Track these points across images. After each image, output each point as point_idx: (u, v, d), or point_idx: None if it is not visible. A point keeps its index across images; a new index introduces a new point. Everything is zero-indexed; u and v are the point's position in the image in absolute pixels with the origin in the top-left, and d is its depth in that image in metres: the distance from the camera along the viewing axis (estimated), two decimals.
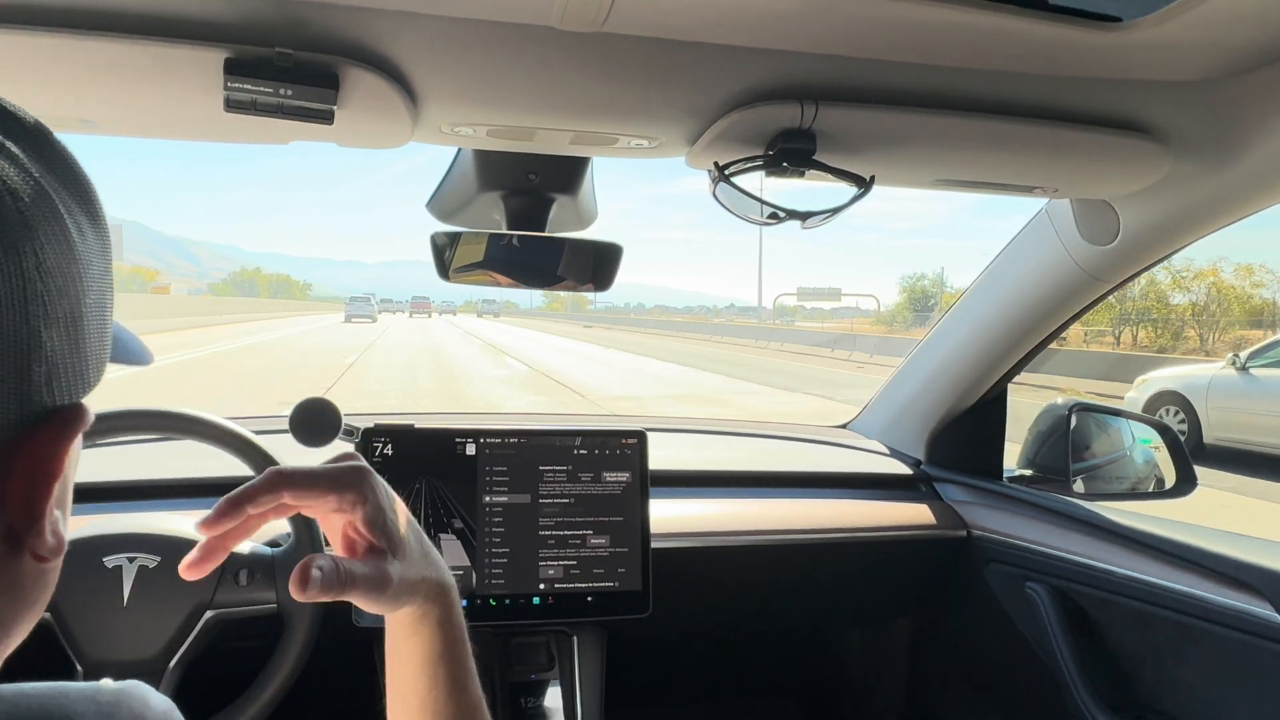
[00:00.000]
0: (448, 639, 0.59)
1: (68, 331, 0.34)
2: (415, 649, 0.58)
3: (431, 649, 0.58)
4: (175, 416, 1.08)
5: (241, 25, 0.72)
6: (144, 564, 1.03)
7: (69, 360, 0.35)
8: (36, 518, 0.34)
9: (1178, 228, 1.13)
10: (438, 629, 0.58)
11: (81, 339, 0.35)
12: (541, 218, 1.12)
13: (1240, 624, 1.05)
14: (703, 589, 1.44)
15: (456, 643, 0.60)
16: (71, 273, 0.35)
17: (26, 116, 0.36)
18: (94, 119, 0.89)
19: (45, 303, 0.33)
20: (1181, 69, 0.84)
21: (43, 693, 0.32)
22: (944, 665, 1.65)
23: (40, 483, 0.34)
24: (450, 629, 0.59)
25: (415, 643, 0.58)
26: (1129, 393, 9.90)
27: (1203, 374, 8.95)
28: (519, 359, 20.85)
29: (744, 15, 0.73)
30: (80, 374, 0.36)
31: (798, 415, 9.76)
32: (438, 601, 0.58)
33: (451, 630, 0.59)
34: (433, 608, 0.58)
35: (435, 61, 0.79)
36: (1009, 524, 1.44)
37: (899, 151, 0.97)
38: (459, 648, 0.60)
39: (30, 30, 0.69)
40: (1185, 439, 8.69)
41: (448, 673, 0.59)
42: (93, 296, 0.36)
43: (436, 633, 0.58)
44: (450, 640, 0.59)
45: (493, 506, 1.21)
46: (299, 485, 0.54)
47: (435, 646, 0.58)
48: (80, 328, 0.35)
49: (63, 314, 0.34)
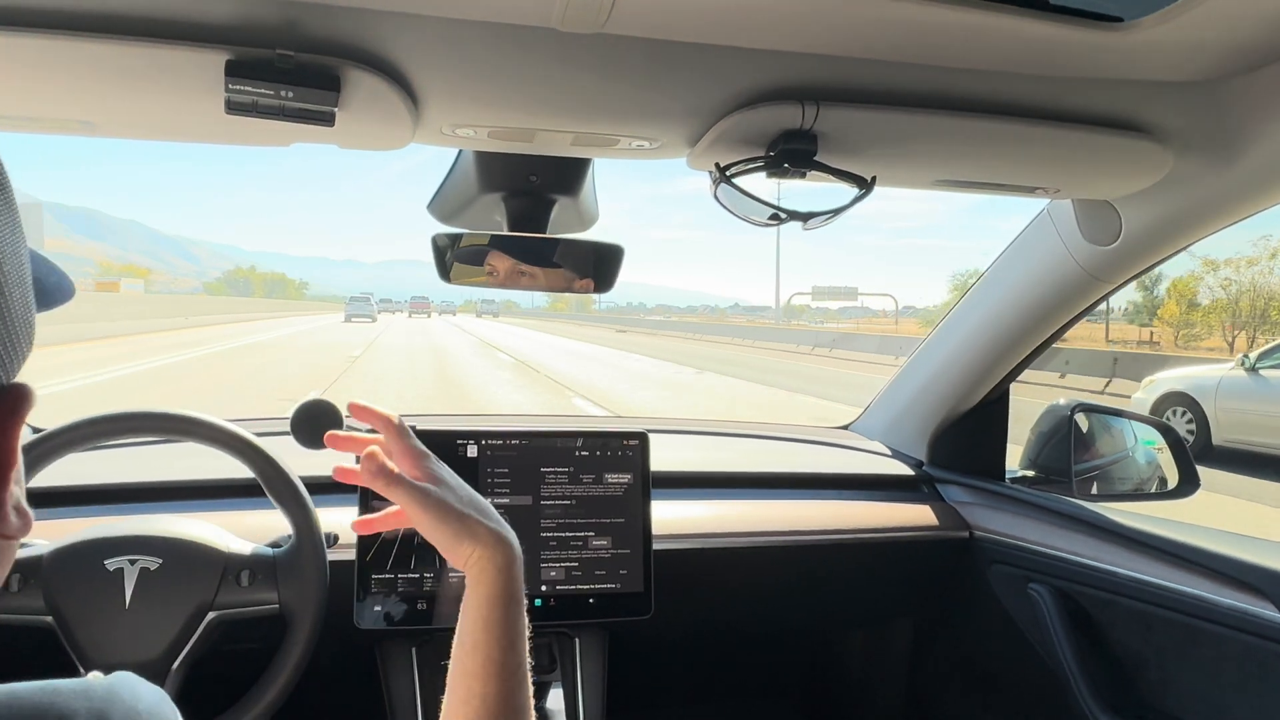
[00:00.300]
0: (506, 589, 0.65)
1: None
2: (476, 595, 0.64)
3: (489, 595, 0.64)
4: (175, 418, 1.08)
5: (243, 27, 0.72)
6: (145, 566, 1.03)
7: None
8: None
9: (1180, 228, 1.13)
10: (496, 575, 0.65)
11: (7, 313, 0.34)
12: (542, 219, 1.12)
13: (1243, 625, 1.05)
14: (705, 590, 1.44)
15: (513, 596, 0.65)
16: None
17: None
18: (95, 121, 0.89)
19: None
20: (1183, 69, 0.84)
21: (34, 692, 0.32)
22: (946, 666, 1.65)
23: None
24: (509, 580, 0.65)
25: (479, 590, 0.64)
26: (1136, 393, 9.74)
27: (1211, 375, 8.80)
28: (537, 368, 17.47)
29: (745, 16, 0.73)
30: (13, 348, 0.35)
31: None
32: (498, 548, 0.65)
33: (510, 582, 0.65)
34: (494, 554, 0.65)
35: (436, 63, 0.79)
36: (1011, 525, 1.44)
37: (900, 152, 0.97)
38: (515, 605, 0.65)
39: (32, 32, 0.69)
40: (1194, 441, 8.44)
41: (503, 619, 0.64)
42: (10, 266, 0.34)
43: (495, 579, 0.64)
44: (508, 591, 0.65)
45: (495, 507, 1.20)
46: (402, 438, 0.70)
47: (494, 592, 0.64)
48: (3, 302, 0.34)
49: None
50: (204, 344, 22.43)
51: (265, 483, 1.08)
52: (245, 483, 1.14)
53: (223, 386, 11.41)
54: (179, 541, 1.05)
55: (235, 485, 1.24)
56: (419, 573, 1.16)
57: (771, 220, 0.94)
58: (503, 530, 0.67)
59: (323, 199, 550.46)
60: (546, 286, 1.11)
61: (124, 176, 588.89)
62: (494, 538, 0.66)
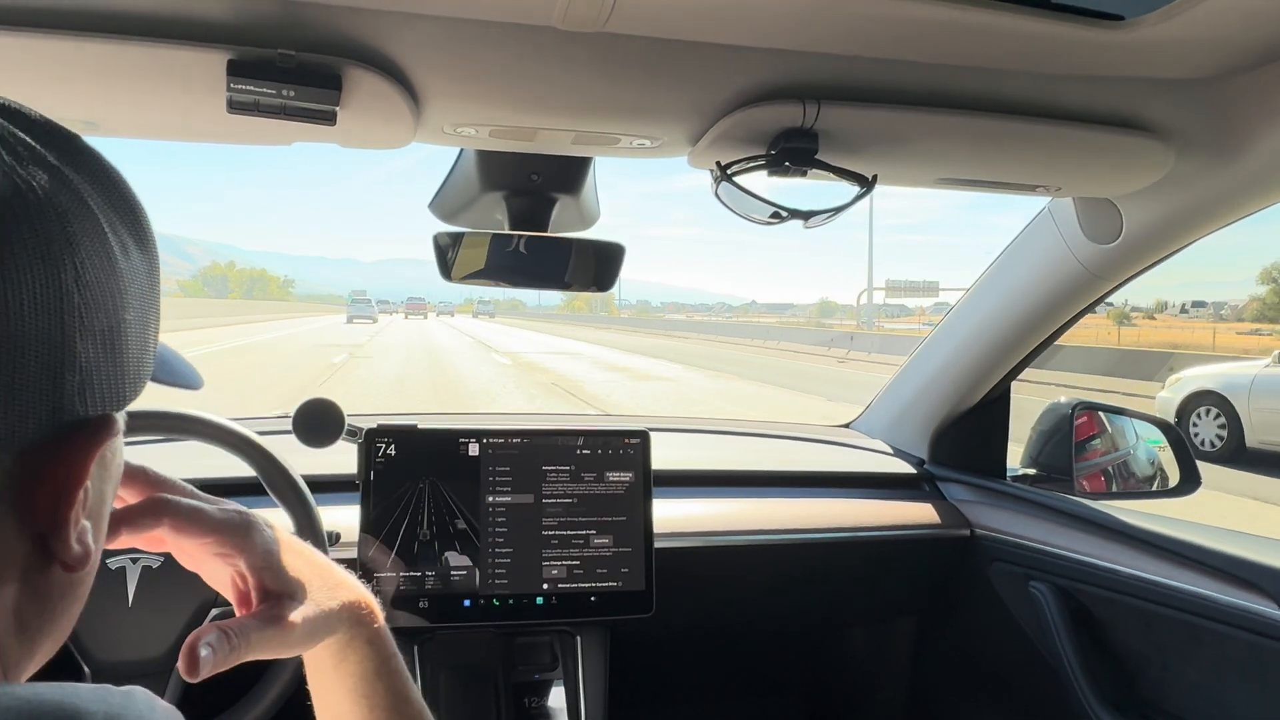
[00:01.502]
0: (381, 655, 0.57)
1: (104, 344, 0.35)
2: (347, 674, 0.56)
3: (366, 669, 0.57)
4: (178, 417, 1.08)
5: (244, 27, 0.72)
6: (147, 564, 1.03)
7: (104, 372, 0.36)
8: (61, 524, 0.35)
9: (1181, 225, 1.13)
10: (368, 647, 0.57)
11: (119, 353, 0.37)
12: (544, 218, 1.12)
13: (1245, 623, 1.05)
14: (706, 589, 1.44)
15: (390, 658, 0.58)
16: (111, 288, 0.36)
17: (77, 138, 0.38)
18: (97, 121, 0.89)
19: (82, 314, 0.34)
20: (1184, 67, 0.84)
21: (55, 690, 0.33)
22: (948, 664, 1.65)
23: (66, 489, 0.35)
24: (381, 645, 0.58)
25: (347, 668, 0.56)
26: (1160, 392, 9.25)
27: (1244, 372, 8.38)
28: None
29: (746, 14, 0.73)
30: (115, 386, 0.37)
31: None
32: (363, 621, 0.57)
33: (384, 645, 0.58)
34: (359, 629, 0.56)
35: (437, 62, 0.79)
36: (1012, 523, 1.44)
37: (901, 150, 0.97)
38: (394, 662, 0.58)
39: (34, 33, 0.70)
40: (1225, 442, 7.82)
41: (387, 688, 0.57)
42: (133, 314, 0.37)
43: (368, 651, 0.57)
44: (384, 657, 0.57)
45: (496, 507, 1.21)
46: (180, 516, 0.52)
47: (370, 665, 0.57)
48: (118, 342, 0.36)
49: (100, 327, 0.35)
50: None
51: (267, 481, 1.08)
52: (247, 481, 1.14)
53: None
54: None
55: (237, 483, 1.24)
56: (420, 571, 1.17)
57: (772, 219, 0.94)
58: (363, 599, 0.58)
59: (320, 198, 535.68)
60: (547, 285, 1.11)
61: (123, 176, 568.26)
62: (353, 614, 0.57)
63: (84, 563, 0.37)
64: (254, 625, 0.51)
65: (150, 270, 0.39)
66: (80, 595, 0.40)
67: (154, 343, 0.40)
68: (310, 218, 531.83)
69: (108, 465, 0.40)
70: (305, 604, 0.54)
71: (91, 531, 0.37)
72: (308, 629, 0.53)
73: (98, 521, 0.39)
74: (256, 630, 0.51)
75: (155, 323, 0.40)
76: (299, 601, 0.54)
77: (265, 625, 0.52)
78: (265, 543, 0.54)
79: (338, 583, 0.58)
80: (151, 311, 0.40)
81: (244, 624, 0.51)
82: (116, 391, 0.37)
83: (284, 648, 0.53)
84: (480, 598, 1.19)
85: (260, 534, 0.54)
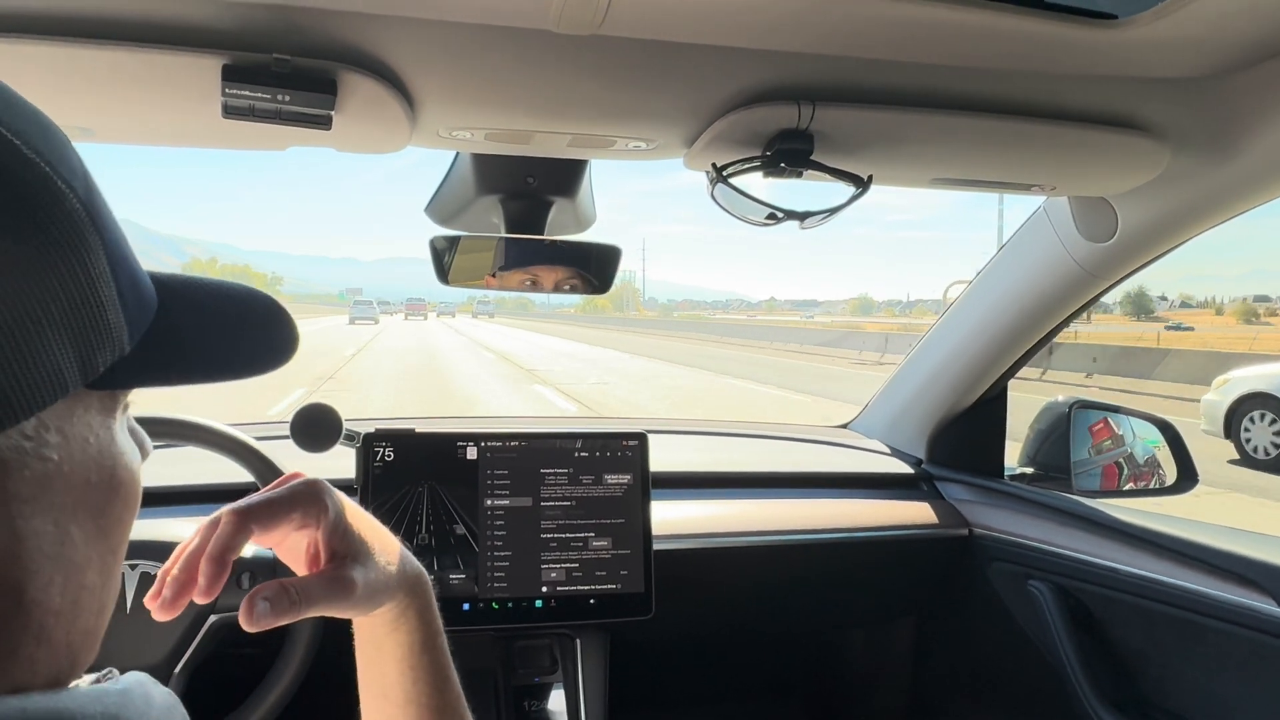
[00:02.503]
0: (429, 630, 0.59)
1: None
2: (398, 644, 0.58)
3: (415, 642, 0.58)
4: (176, 423, 1.08)
5: (239, 32, 0.72)
6: (146, 570, 1.03)
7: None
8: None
9: (1176, 224, 1.14)
10: (419, 619, 0.58)
11: (21, 353, 0.30)
12: (540, 220, 1.12)
13: (1244, 620, 1.05)
14: (705, 590, 1.44)
15: (437, 634, 0.59)
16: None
17: None
18: (93, 127, 0.89)
19: None
20: (1178, 66, 0.84)
21: (48, 702, 0.31)
22: (947, 664, 1.65)
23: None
24: (431, 619, 0.59)
25: (397, 638, 0.58)
26: (1207, 394, 8.56)
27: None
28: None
29: (741, 16, 0.73)
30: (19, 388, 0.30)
31: None
32: (416, 593, 0.58)
33: (432, 621, 0.59)
34: (412, 600, 0.58)
35: (432, 66, 0.79)
36: (1011, 522, 1.44)
37: (896, 151, 0.98)
38: (440, 639, 0.59)
39: (28, 39, 0.70)
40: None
41: (431, 663, 0.58)
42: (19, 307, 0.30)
43: (419, 623, 0.58)
44: (432, 631, 0.59)
45: (494, 510, 1.21)
46: (263, 515, 0.53)
47: (418, 638, 0.58)
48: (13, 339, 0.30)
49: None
50: None
51: (264, 486, 1.08)
52: (245, 486, 1.14)
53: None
54: (180, 545, 1.05)
55: (236, 489, 1.24)
56: None
57: (769, 220, 0.95)
58: (419, 570, 0.60)
59: (320, 198, 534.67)
60: (545, 288, 1.11)
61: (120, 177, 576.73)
62: (410, 583, 0.58)
63: None
64: (317, 584, 0.52)
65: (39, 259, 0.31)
66: (47, 640, 0.34)
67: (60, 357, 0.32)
68: (310, 217, 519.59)
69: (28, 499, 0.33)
70: (368, 567, 0.55)
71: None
72: (368, 591, 0.54)
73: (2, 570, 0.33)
74: (320, 589, 0.52)
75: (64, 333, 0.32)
76: (361, 564, 0.55)
77: (329, 584, 0.53)
78: (335, 505, 0.55)
79: (397, 551, 0.59)
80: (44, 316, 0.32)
81: (307, 582, 0.52)
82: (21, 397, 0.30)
83: (344, 607, 0.54)
84: (479, 601, 1.18)
85: (330, 496, 0.56)
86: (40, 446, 0.33)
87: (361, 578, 0.54)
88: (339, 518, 0.55)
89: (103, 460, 0.36)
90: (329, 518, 0.54)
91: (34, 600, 0.33)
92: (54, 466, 0.34)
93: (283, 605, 0.51)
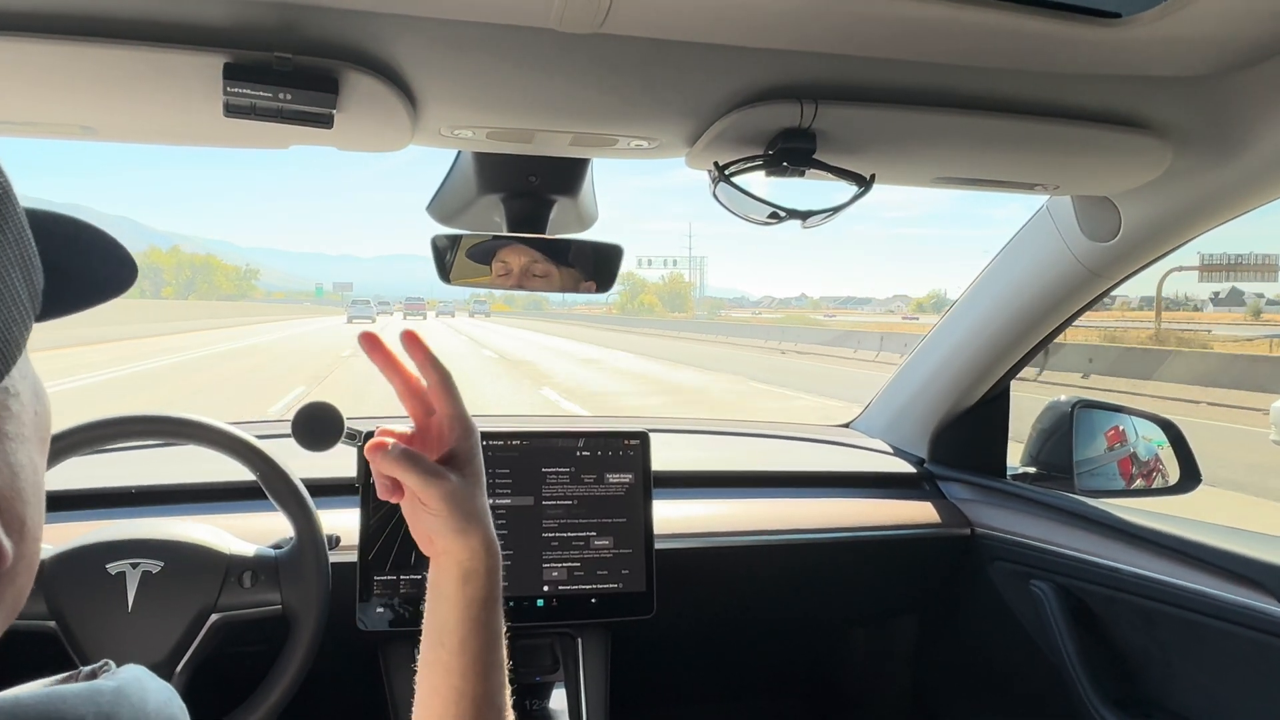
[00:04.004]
0: (492, 593, 0.65)
1: None
2: (464, 597, 0.64)
3: (478, 599, 0.64)
4: (177, 422, 1.08)
5: (240, 30, 0.72)
6: (147, 569, 1.03)
7: None
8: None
9: (1179, 223, 1.13)
10: (486, 579, 0.64)
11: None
12: (542, 219, 1.12)
13: (1246, 620, 1.05)
14: (707, 589, 1.44)
15: (498, 599, 0.66)
16: None
17: None
18: (94, 125, 0.89)
19: None
20: (1181, 64, 0.84)
21: (39, 699, 0.31)
22: (949, 663, 1.65)
23: None
24: (496, 583, 0.65)
25: (466, 591, 0.64)
26: (1276, 401, 8.47)
27: None
28: None
29: (743, 15, 0.72)
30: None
31: None
32: (490, 554, 0.65)
33: (496, 585, 0.65)
34: (486, 558, 0.64)
35: (434, 65, 0.79)
36: (1013, 522, 1.44)
37: (899, 150, 0.97)
38: (499, 604, 0.66)
39: (30, 37, 0.69)
40: None
41: (489, 620, 0.65)
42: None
43: (485, 583, 0.64)
44: (495, 595, 0.65)
45: (496, 509, 1.21)
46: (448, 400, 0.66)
47: (482, 595, 0.64)
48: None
49: None
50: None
51: (266, 485, 1.08)
52: (247, 485, 1.14)
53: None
54: (181, 544, 1.05)
55: (237, 488, 1.24)
56: (420, 574, 1.16)
57: (770, 219, 0.94)
58: (495, 538, 0.67)
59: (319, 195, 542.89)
60: (546, 287, 1.11)
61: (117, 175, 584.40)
62: (489, 542, 0.65)
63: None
64: (426, 464, 0.62)
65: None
66: (15, 579, 0.35)
67: (23, 296, 0.33)
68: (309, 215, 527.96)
69: (14, 436, 0.35)
70: (466, 489, 0.64)
71: (4, 523, 0.33)
72: (454, 502, 0.62)
73: (11, 507, 0.35)
74: (427, 461, 0.62)
75: (19, 271, 0.33)
76: (465, 483, 0.64)
77: (433, 465, 0.62)
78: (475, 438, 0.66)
79: (487, 512, 0.66)
80: (6, 260, 0.32)
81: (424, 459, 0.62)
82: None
83: (429, 494, 0.62)
84: None
85: (476, 434, 0.67)
86: (13, 383, 0.35)
87: (454, 482, 0.63)
88: (467, 431, 0.66)
89: (38, 390, 0.39)
90: (466, 440, 0.65)
91: (31, 532, 0.36)
92: (19, 403, 0.36)
93: (399, 451, 0.61)
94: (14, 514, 0.35)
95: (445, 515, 0.62)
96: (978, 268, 1.52)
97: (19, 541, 0.35)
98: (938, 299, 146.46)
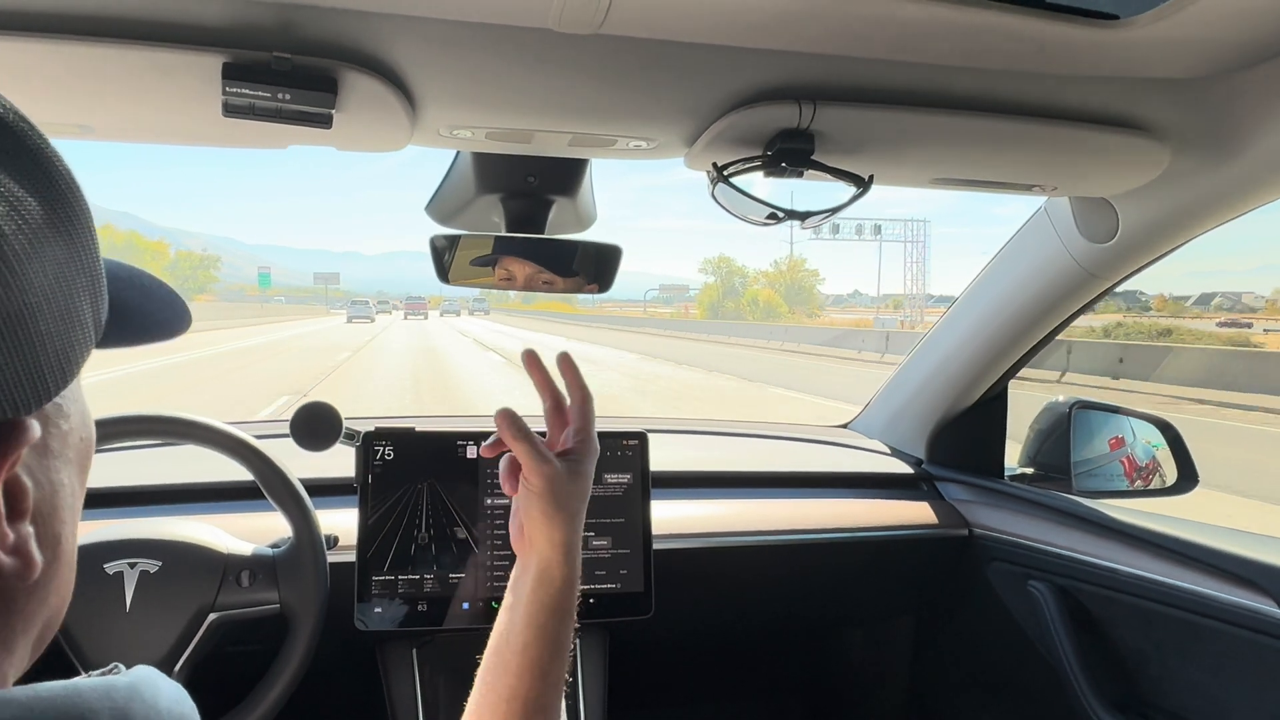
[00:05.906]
0: (564, 601, 0.67)
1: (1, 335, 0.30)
2: (535, 601, 0.66)
3: (549, 605, 0.66)
4: (175, 421, 1.08)
5: (239, 30, 0.72)
6: (145, 569, 1.03)
7: (5, 370, 0.30)
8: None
9: (1177, 224, 1.13)
10: (561, 585, 0.67)
11: (23, 343, 0.31)
12: (541, 220, 1.12)
13: (1244, 621, 1.05)
14: (705, 590, 1.44)
15: (570, 612, 0.68)
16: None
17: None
18: (92, 124, 0.89)
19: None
20: (1179, 66, 0.84)
21: (56, 692, 0.31)
22: (947, 664, 1.65)
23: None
24: (570, 594, 0.68)
25: (538, 595, 0.66)
26: None
27: None
28: None
29: (742, 16, 0.73)
30: (20, 383, 0.31)
31: None
32: (567, 560, 0.67)
33: (569, 600, 0.68)
34: (564, 564, 0.67)
35: (433, 65, 0.79)
36: (1011, 522, 1.44)
37: (897, 151, 0.97)
38: (570, 618, 0.68)
39: (28, 36, 0.69)
40: None
41: (556, 628, 0.67)
42: (35, 296, 0.31)
43: (560, 589, 0.67)
44: (567, 605, 0.68)
45: (495, 509, 1.21)
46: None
47: (553, 603, 0.67)
48: (20, 330, 0.31)
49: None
50: None
51: (264, 485, 1.08)
52: (244, 485, 1.14)
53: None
54: (178, 544, 1.05)
55: (234, 488, 1.24)
56: (419, 574, 1.17)
57: (769, 219, 0.95)
58: (579, 547, 0.69)
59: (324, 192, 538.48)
60: (545, 287, 1.11)
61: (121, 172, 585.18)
62: (569, 546, 0.68)
63: (22, 575, 0.33)
64: (543, 447, 0.68)
65: (58, 237, 0.33)
66: (35, 600, 0.35)
67: (89, 321, 0.35)
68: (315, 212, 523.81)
69: (59, 454, 0.36)
70: (568, 469, 0.68)
71: (38, 536, 0.34)
72: (551, 487, 0.66)
73: (49, 523, 0.35)
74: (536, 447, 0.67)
75: (81, 300, 0.34)
76: (571, 478, 0.68)
77: (546, 455, 0.68)
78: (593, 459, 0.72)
79: (580, 519, 0.70)
80: (71, 289, 0.33)
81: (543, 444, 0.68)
82: (23, 388, 0.31)
83: (536, 470, 0.67)
84: (479, 600, 1.18)
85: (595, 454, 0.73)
86: (65, 404, 0.37)
87: (559, 465, 0.67)
88: (593, 439, 0.72)
89: (86, 418, 0.40)
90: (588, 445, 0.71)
91: (66, 554, 0.37)
92: (69, 423, 0.37)
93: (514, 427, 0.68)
94: (50, 530, 0.36)
95: (541, 495, 0.66)
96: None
97: (52, 559, 0.36)
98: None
